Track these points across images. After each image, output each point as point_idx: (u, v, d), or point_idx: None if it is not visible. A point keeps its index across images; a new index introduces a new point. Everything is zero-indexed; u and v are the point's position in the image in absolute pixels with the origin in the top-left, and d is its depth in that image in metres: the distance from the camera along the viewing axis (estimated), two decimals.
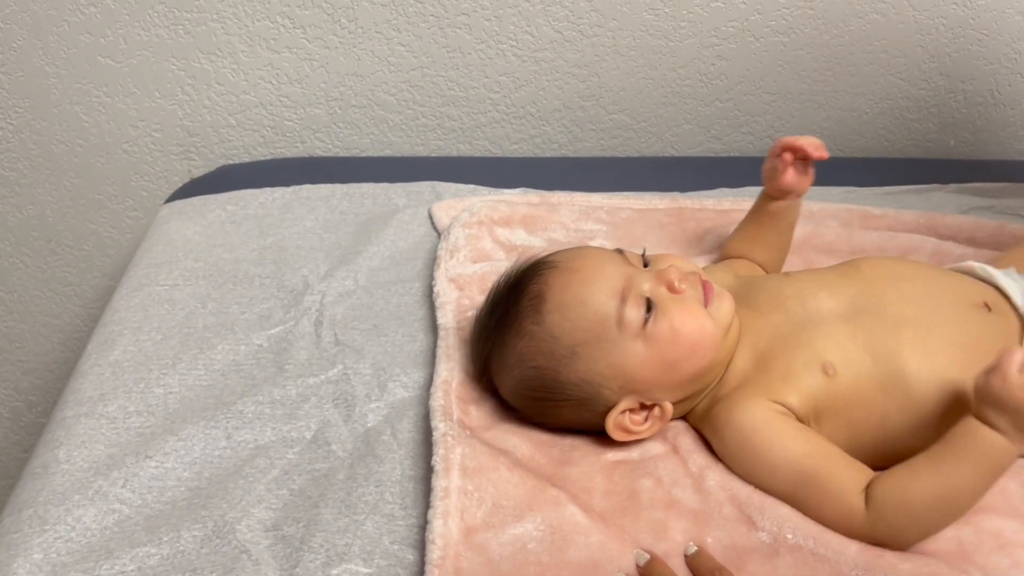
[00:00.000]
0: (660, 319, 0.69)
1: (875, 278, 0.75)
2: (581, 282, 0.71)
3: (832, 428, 0.70)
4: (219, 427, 0.76)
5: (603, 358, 0.69)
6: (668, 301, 0.70)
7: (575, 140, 1.23)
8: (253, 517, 0.68)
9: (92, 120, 1.21)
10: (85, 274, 1.32)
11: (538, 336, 0.71)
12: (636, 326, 0.69)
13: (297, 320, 0.88)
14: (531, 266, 0.74)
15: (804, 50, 1.17)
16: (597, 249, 0.76)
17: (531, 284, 0.72)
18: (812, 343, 0.71)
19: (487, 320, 0.75)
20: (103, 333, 0.87)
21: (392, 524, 0.67)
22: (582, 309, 0.70)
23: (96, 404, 0.78)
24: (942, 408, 0.69)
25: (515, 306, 0.72)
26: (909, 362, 0.69)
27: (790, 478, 0.66)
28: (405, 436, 0.74)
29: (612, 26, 1.15)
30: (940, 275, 0.77)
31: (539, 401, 0.72)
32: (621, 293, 0.70)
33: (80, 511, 0.69)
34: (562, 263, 0.73)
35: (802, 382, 0.70)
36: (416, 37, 1.16)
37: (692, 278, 0.72)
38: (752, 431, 0.68)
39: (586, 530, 0.65)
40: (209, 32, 1.15)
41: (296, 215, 1.03)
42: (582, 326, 0.70)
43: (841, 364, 0.70)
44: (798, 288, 0.75)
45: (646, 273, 0.72)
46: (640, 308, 0.69)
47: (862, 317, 0.72)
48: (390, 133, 1.22)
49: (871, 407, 0.69)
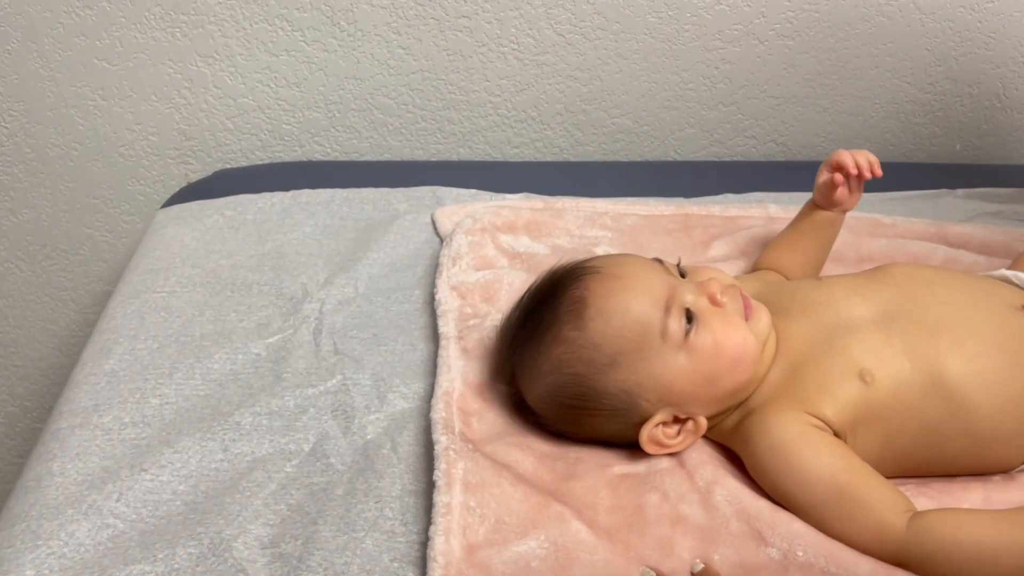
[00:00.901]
0: (703, 331, 0.68)
1: (908, 282, 0.74)
2: (624, 289, 0.69)
3: (867, 438, 0.68)
4: (216, 439, 0.74)
5: (644, 368, 0.68)
6: (710, 314, 0.69)
7: (577, 144, 1.21)
8: (250, 534, 0.66)
9: (88, 124, 1.19)
10: (81, 279, 1.30)
11: (578, 343, 0.69)
12: (679, 338, 0.68)
13: (296, 328, 0.86)
14: (571, 270, 0.73)
15: (809, 53, 1.16)
16: (638, 257, 0.75)
17: (572, 288, 0.71)
18: (847, 350, 0.69)
19: (520, 325, 0.73)
20: (98, 341, 0.86)
21: (392, 541, 0.66)
22: (625, 317, 0.68)
23: (91, 415, 0.77)
24: (984, 411, 0.68)
25: (554, 311, 0.70)
26: (950, 366, 0.68)
27: (823, 491, 0.65)
28: (405, 449, 0.73)
29: (615, 29, 1.14)
30: (972, 279, 0.76)
31: (574, 410, 0.70)
32: (665, 303, 0.69)
33: (73, 526, 0.67)
34: (604, 269, 0.71)
35: (839, 391, 0.68)
36: (416, 40, 1.15)
37: (733, 291, 0.71)
38: (786, 444, 0.66)
39: (591, 547, 0.63)
40: (206, 35, 1.14)
41: (295, 220, 1.02)
42: (625, 335, 0.68)
43: (879, 371, 0.68)
44: (829, 294, 0.74)
45: (688, 284, 0.71)
46: (682, 319, 0.68)
47: (897, 322, 0.70)
48: (390, 137, 1.21)
49: (911, 414, 0.68)
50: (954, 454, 0.68)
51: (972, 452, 0.69)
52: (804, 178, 1.13)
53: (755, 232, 0.96)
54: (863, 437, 0.68)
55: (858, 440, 0.68)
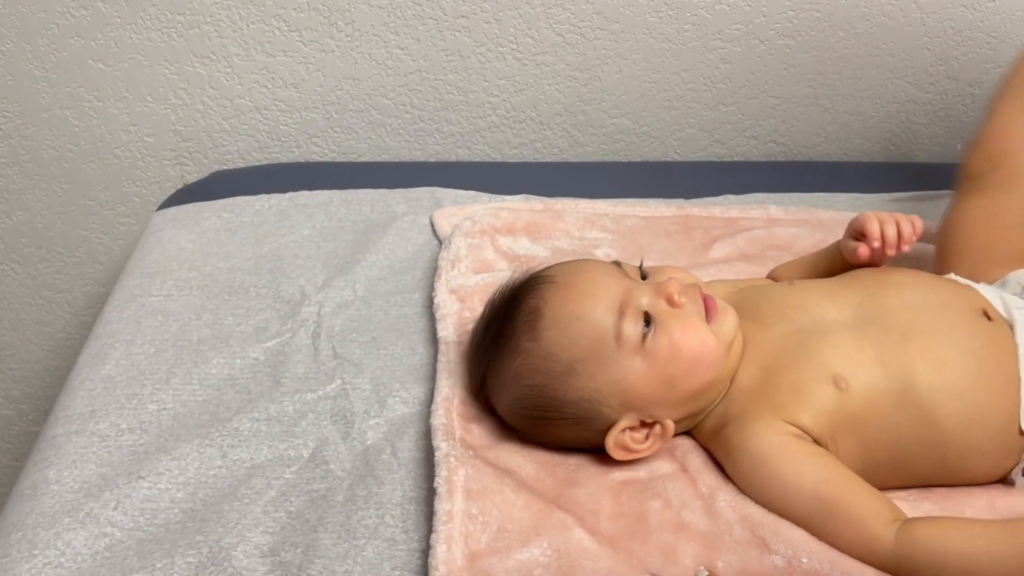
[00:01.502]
0: (659, 334, 0.67)
1: (878, 285, 0.73)
2: (578, 297, 0.69)
3: (847, 448, 0.68)
4: (214, 445, 0.74)
5: (602, 375, 0.68)
6: (667, 315, 0.68)
7: (576, 145, 1.21)
8: (249, 542, 0.66)
9: (83, 125, 1.18)
10: (76, 281, 1.30)
11: (535, 353, 0.69)
12: (635, 341, 0.67)
13: (294, 332, 0.85)
14: (527, 281, 0.72)
15: (809, 53, 1.15)
16: (594, 262, 0.74)
17: (527, 299, 0.70)
18: (820, 355, 0.69)
19: (483, 337, 0.73)
20: (94, 346, 0.85)
21: (393, 549, 0.65)
22: (579, 325, 0.68)
23: (87, 421, 0.76)
24: (955, 421, 0.67)
25: (511, 322, 0.70)
26: (919, 373, 0.68)
27: (807, 505, 0.64)
28: (406, 455, 0.72)
29: (614, 29, 1.13)
30: (940, 283, 0.75)
31: (537, 420, 0.70)
32: (619, 307, 0.68)
33: (70, 535, 0.66)
34: (558, 277, 0.71)
35: (814, 398, 0.68)
36: (414, 40, 1.14)
37: (692, 291, 0.70)
38: (766, 457, 0.66)
39: (594, 555, 0.63)
40: (202, 35, 1.13)
41: (293, 222, 1.01)
42: (580, 342, 0.68)
43: (852, 377, 0.68)
44: (802, 298, 0.73)
45: (645, 286, 0.70)
46: (639, 323, 0.68)
47: (868, 327, 0.70)
48: (388, 138, 1.20)
49: (884, 423, 0.68)
50: (931, 466, 0.67)
51: (948, 464, 0.68)
52: (805, 178, 1.14)
53: (756, 233, 0.95)
54: (844, 446, 0.68)
55: (840, 449, 0.68)
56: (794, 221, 0.98)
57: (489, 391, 0.73)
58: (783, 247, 0.94)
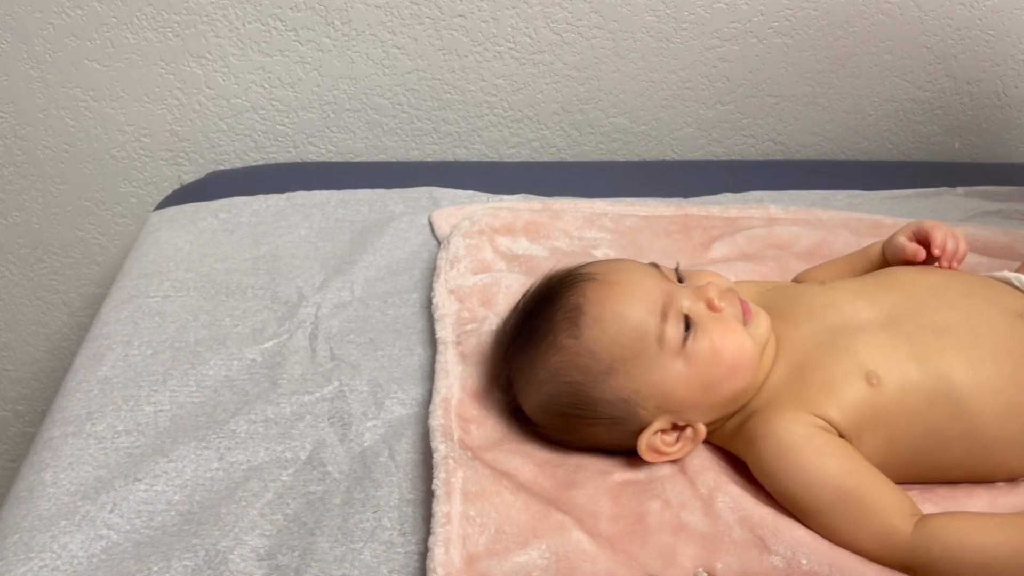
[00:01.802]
0: (700, 337, 0.67)
1: (914, 287, 0.73)
2: (620, 296, 0.68)
3: (872, 443, 0.67)
4: (211, 447, 0.73)
5: (641, 376, 0.67)
6: (708, 319, 0.68)
7: (574, 144, 1.20)
8: (246, 545, 0.65)
9: (79, 125, 1.18)
10: (73, 282, 1.29)
11: (574, 351, 0.68)
12: (676, 344, 0.67)
13: (291, 333, 0.85)
14: (566, 277, 0.72)
15: (807, 52, 1.15)
16: (635, 263, 0.74)
17: (567, 296, 0.69)
18: (852, 351, 0.68)
19: (516, 332, 0.72)
20: (91, 347, 0.84)
21: (391, 552, 0.65)
22: (622, 324, 0.67)
23: (84, 423, 0.76)
24: (988, 417, 0.67)
25: (549, 319, 0.69)
26: (956, 369, 0.67)
27: (829, 496, 0.64)
28: (403, 457, 0.72)
29: (612, 28, 1.13)
30: (978, 283, 0.75)
31: (571, 419, 0.69)
32: (662, 309, 0.68)
33: (66, 538, 0.66)
34: (600, 275, 0.70)
35: (843, 393, 0.67)
36: (411, 39, 1.13)
37: (731, 296, 0.70)
38: (792, 447, 0.65)
39: (592, 557, 0.62)
40: (199, 35, 1.13)
41: (290, 223, 1.00)
42: (621, 342, 0.67)
43: (885, 373, 0.67)
44: (833, 297, 0.73)
45: (684, 289, 0.70)
46: (679, 325, 0.67)
47: (903, 326, 0.70)
48: (385, 138, 1.19)
49: (916, 419, 0.67)
50: (956, 460, 0.68)
51: (974, 458, 0.68)
52: (803, 177, 1.14)
53: (755, 232, 0.95)
54: (868, 441, 0.68)
55: (864, 444, 0.68)
56: (793, 220, 0.98)
57: (518, 389, 0.72)
58: (783, 246, 0.93)
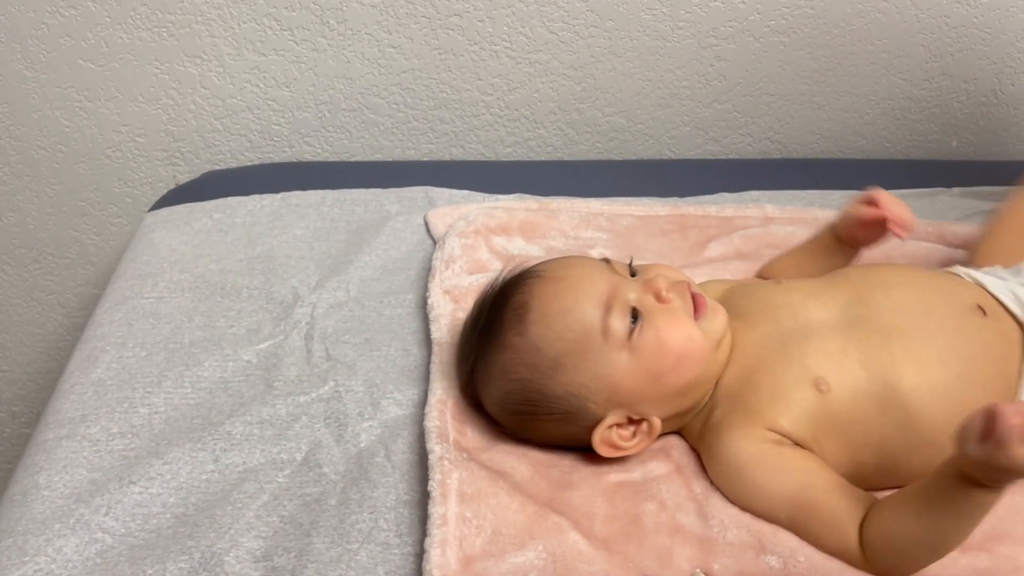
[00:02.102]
0: (646, 329, 0.67)
1: (865, 285, 0.73)
2: (565, 291, 0.69)
3: (832, 449, 0.67)
4: (206, 449, 0.73)
5: (588, 369, 0.67)
6: (655, 311, 0.68)
7: (571, 143, 1.20)
8: (242, 547, 0.65)
9: (73, 125, 1.17)
10: (68, 283, 1.29)
11: (521, 348, 0.69)
12: (621, 336, 0.67)
13: (287, 334, 0.85)
14: (516, 276, 0.73)
15: (804, 50, 1.15)
16: (583, 258, 0.74)
17: (515, 294, 0.70)
18: (803, 357, 0.68)
19: (471, 332, 0.73)
20: (85, 349, 0.84)
21: (387, 553, 0.64)
22: (566, 319, 0.68)
23: (78, 425, 0.75)
24: (941, 422, 0.66)
25: (499, 317, 0.70)
26: (903, 375, 0.67)
27: (787, 512, 0.64)
28: (399, 458, 0.72)
29: (608, 27, 1.13)
30: (931, 279, 0.75)
31: (524, 416, 0.70)
32: (606, 302, 0.68)
33: (61, 541, 0.66)
34: (546, 272, 0.71)
35: (792, 401, 0.67)
36: (407, 39, 1.13)
37: (680, 287, 0.70)
38: (742, 468, 0.66)
39: (589, 558, 0.62)
40: (193, 35, 1.12)
41: (285, 223, 1.00)
42: (566, 336, 0.68)
43: (834, 379, 0.67)
44: (789, 297, 0.73)
45: (633, 282, 0.70)
46: (626, 318, 0.67)
47: (854, 329, 0.70)
48: (381, 137, 1.19)
49: (869, 425, 0.67)
50: (920, 467, 0.67)
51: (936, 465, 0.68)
52: (800, 176, 1.13)
53: (751, 232, 0.95)
54: (828, 447, 0.67)
55: (825, 450, 0.67)
56: (790, 219, 0.97)
57: (477, 387, 0.73)
58: (779, 245, 0.93)
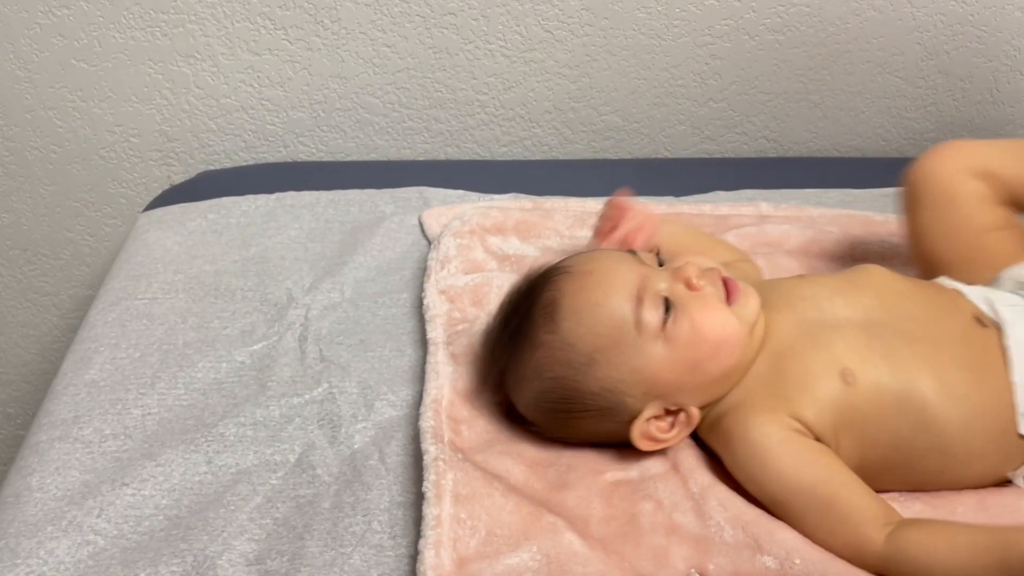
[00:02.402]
0: (680, 318, 0.66)
1: (886, 292, 0.73)
2: (594, 286, 0.68)
3: (847, 445, 0.67)
4: (199, 451, 0.73)
5: (624, 363, 0.67)
6: (687, 299, 0.67)
7: (566, 142, 1.20)
8: (235, 550, 0.65)
9: (67, 126, 1.17)
10: (63, 284, 1.28)
11: (554, 345, 0.68)
12: (655, 327, 0.66)
13: (281, 335, 0.84)
14: (543, 274, 0.72)
15: (800, 48, 1.15)
16: (610, 251, 0.73)
17: (543, 292, 0.69)
18: (831, 346, 0.68)
19: (501, 333, 0.72)
20: (78, 351, 0.84)
21: (381, 556, 0.64)
22: (597, 313, 0.67)
23: (71, 427, 0.75)
24: (953, 427, 0.67)
25: (529, 316, 0.69)
26: (924, 378, 0.67)
27: (803, 502, 0.64)
28: (393, 459, 0.71)
29: (603, 25, 1.13)
30: (935, 291, 0.75)
31: (560, 414, 0.69)
32: (637, 294, 0.67)
33: (53, 543, 0.65)
34: (574, 268, 0.70)
35: (820, 390, 0.67)
36: (402, 38, 1.13)
37: (711, 274, 0.69)
38: (767, 451, 0.65)
39: (584, 559, 0.62)
40: (187, 34, 1.12)
41: (280, 224, 1.00)
42: (598, 331, 0.67)
43: (861, 372, 0.67)
44: (813, 291, 0.73)
45: (662, 272, 0.69)
46: (658, 308, 0.67)
47: (878, 328, 0.70)
48: (376, 137, 1.19)
49: (885, 424, 0.67)
50: (932, 471, 0.67)
51: (948, 469, 0.68)
52: (796, 174, 1.13)
53: (747, 231, 0.95)
54: (845, 444, 0.67)
55: (841, 448, 0.67)
56: (785, 218, 0.97)
57: (509, 389, 0.72)
58: (774, 244, 0.93)
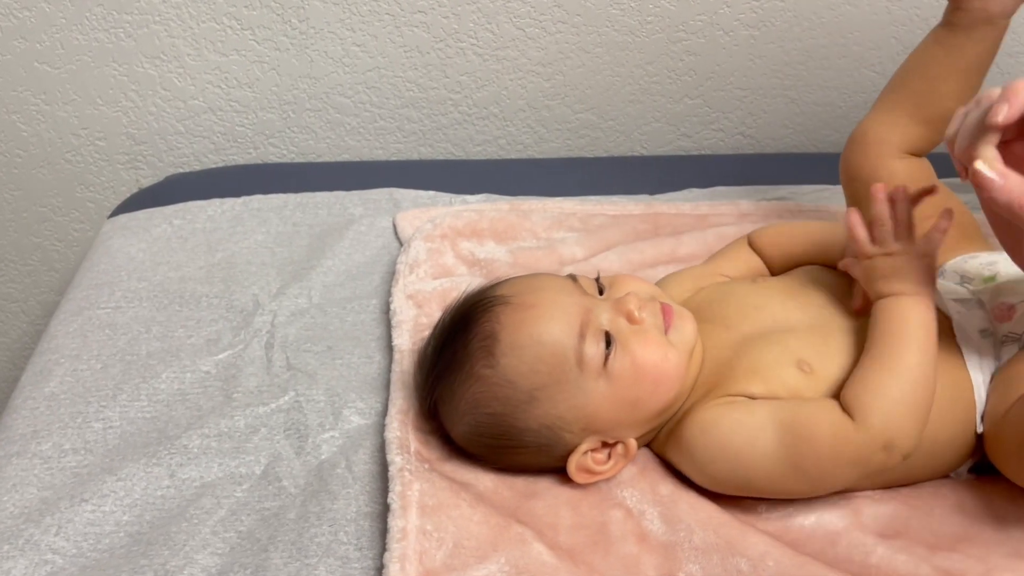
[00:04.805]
0: (621, 355, 0.64)
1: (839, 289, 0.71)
2: (536, 319, 0.65)
3: None
4: (162, 464, 0.71)
5: (564, 400, 0.65)
6: (628, 334, 0.65)
7: (540, 141, 1.19)
8: (197, 564, 0.63)
9: (31, 130, 1.15)
10: (31, 290, 1.26)
11: (493, 381, 0.65)
12: (597, 364, 0.64)
13: (247, 343, 0.83)
14: (480, 302, 0.68)
15: (775, 44, 1.13)
16: (549, 278, 0.70)
17: (481, 322, 0.66)
18: (784, 343, 0.67)
19: (435, 360, 0.69)
20: (38, 363, 0.82)
21: (346, 568, 0.63)
22: (539, 350, 0.64)
23: (29, 442, 0.73)
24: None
25: (465, 347, 0.66)
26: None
27: (773, 438, 0.62)
28: (361, 469, 0.70)
29: (576, 22, 1.11)
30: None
31: (496, 449, 0.67)
32: (579, 329, 0.64)
33: (9, 563, 0.64)
34: (514, 297, 0.67)
35: (772, 374, 0.66)
36: (371, 36, 1.11)
37: (652, 305, 0.67)
38: (715, 421, 0.64)
39: (553, 570, 0.61)
40: (152, 35, 1.10)
41: (246, 228, 0.98)
42: (540, 368, 0.64)
43: (818, 364, 0.66)
44: (766, 299, 0.72)
45: (603, 303, 0.67)
46: (600, 344, 0.64)
47: (831, 327, 0.69)
48: (347, 137, 1.17)
49: None
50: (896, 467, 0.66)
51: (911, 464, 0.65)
52: (773, 170, 1.12)
53: (726, 230, 0.94)
54: None
55: None
56: (764, 216, 0.96)
57: (442, 417, 0.69)
58: None
